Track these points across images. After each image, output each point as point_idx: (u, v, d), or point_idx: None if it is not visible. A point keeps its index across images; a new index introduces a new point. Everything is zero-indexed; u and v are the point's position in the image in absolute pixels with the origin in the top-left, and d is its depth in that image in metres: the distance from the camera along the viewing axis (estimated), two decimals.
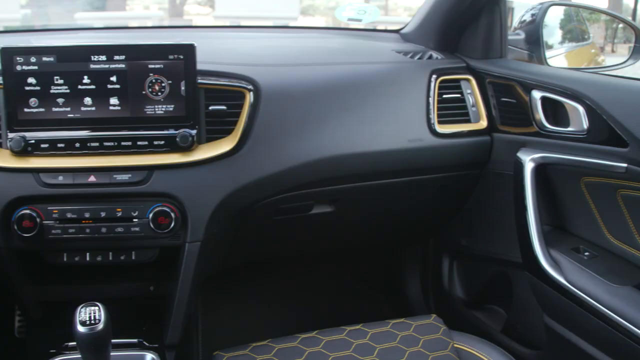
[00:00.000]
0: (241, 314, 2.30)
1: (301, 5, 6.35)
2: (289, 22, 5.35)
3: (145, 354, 1.45)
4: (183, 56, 1.39)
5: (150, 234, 1.41)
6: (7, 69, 1.36)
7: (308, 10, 7.19)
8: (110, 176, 1.40)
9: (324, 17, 7.36)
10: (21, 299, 1.53)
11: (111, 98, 1.39)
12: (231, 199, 1.45)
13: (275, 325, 2.22)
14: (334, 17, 6.64)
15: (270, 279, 2.38)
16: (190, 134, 1.41)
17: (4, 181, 1.38)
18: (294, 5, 5.66)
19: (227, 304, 2.25)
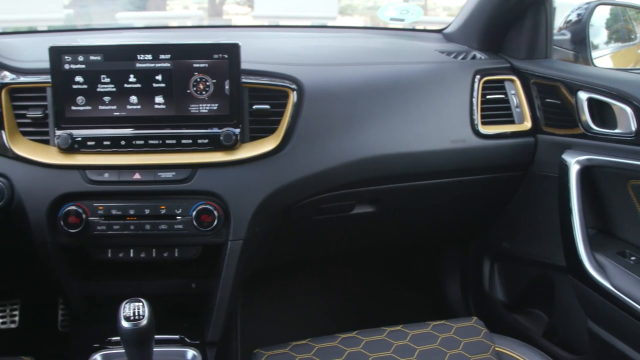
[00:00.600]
0: (279, 312, 2.30)
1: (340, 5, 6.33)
2: (328, 21, 5.35)
3: (186, 351, 1.46)
4: (228, 55, 1.39)
5: (193, 231, 1.42)
6: (55, 67, 1.38)
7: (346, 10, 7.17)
8: (155, 174, 1.41)
9: (362, 17, 7.34)
10: (66, 294, 1.55)
11: (156, 97, 1.41)
12: (273, 198, 1.45)
13: (313, 325, 2.22)
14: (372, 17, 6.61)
15: (308, 278, 2.38)
16: (234, 132, 1.42)
17: (51, 178, 1.41)
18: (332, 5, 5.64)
19: (265, 302, 2.26)
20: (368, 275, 2.46)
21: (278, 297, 2.33)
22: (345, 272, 2.42)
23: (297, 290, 2.37)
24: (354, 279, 2.44)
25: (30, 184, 1.41)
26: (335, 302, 2.38)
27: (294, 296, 2.35)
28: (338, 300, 2.39)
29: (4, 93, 1.42)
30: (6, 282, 2.14)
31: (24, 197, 1.41)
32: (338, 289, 2.41)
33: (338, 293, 2.40)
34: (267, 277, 1.96)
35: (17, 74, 1.44)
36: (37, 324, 2.24)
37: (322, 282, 2.41)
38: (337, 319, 2.30)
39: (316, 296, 2.38)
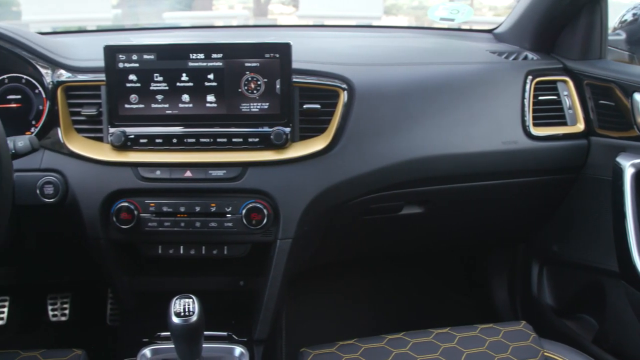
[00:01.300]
0: (324, 312, 2.30)
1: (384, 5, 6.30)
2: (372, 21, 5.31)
3: (234, 347, 1.47)
4: (279, 55, 1.40)
5: (242, 229, 1.43)
6: (109, 66, 1.40)
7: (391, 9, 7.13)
8: (206, 172, 1.43)
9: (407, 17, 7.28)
10: (116, 288, 1.57)
11: (208, 95, 1.42)
12: (323, 198, 1.45)
13: (358, 325, 2.22)
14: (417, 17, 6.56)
15: (354, 278, 2.38)
16: (284, 131, 1.42)
17: (104, 174, 1.43)
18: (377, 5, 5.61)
19: (310, 301, 2.27)
20: (414, 277, 2.45)
21: (323, 297, 2.32)
22: (390, 273, 2.41)
23: (342, 290, 2.36)
24: (400, 280, 2.42)
25: (84, 180, 1.44)
26: (380, 303, 2.37)
27: (338, 296, 2.35)
28: (383, 301, 2.38)
29: (59, 91, 1.45)
30: (58, 276, 2.18)
31: (78, 193, 1.43)
32: (383, 290, 2.40)
33: (383, 294, 2.39)
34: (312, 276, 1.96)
35: (72, 73, 1.46)
36: (86, 318, 2.28)
37: (367, 283, 2.40)
38: (382, 319, 2.29)
39: (361, 297, 2.38)
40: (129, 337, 1.55)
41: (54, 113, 1.46)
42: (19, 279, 2.12)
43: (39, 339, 2.24)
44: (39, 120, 1.51)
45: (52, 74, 1.46)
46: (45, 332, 2.25)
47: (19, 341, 2.22)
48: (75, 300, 2.28)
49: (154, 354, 1.46)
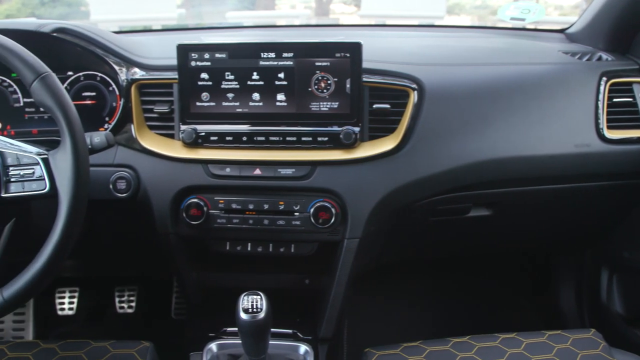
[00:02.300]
0: (386, 312, 2.29)
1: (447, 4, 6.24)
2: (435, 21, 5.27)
3: (299, 345, 1.48)
4: (349, 54, 1.40)
5: (310, 228, 1.44)
6: (182, 64, 1.43)
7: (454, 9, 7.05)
8: (275, 170, 1.44)
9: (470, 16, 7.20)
10: (184, 283, 1.60)
11: (278, 94, 1.43)
12: (391, 198, 1.45)
13: (422, 327, 2.20)
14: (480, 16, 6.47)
15: (417, 280, 2.36)
16: (353, 131, 1.42)
17: (175, 171, 1.46)
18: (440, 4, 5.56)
19: (372, 301, 2.26)
20: (477, 279, 2.41)
21: (385, 297, 2.32)
22: (454, 275, 2.38)
23: (405, 290, 2.35)
24: (463, 283, 2.39)
25: (155, 176, 1.46)
26: (443, 305, 2.35)
27: (401, 297, 2.34)
28: (446, 303, 2.35)
29: (133, 88, 1.49)
30: (126, 270, 2.24)
31: (149, 189, 1.46)
32: (446, 292, 2.38)
33: (446, 296, 2.37)
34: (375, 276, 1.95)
35: (146, 71, 1.49)
36: (152, 311, 2.33)
37: (430, 284, 2.38)
38: (445, 322, 2.27)
39: (424, 298, 2.36)
40: (195, 332, 1.57)
41: (127, 110, 1.49)
42: (88, 271, 2.18)
43: (106, 330, 2.30)
44: (112, 116, 1.55)
45: (127, 71, 1.49)
46: (112, 324, 2.31)
47: (86, 331, 2.28)
48: (141, 293, 2.34)
49: (220, 349, 1.48)
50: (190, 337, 1.58)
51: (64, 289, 2.32)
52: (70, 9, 7.73)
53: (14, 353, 1.33)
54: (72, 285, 2.33)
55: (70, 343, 1.36)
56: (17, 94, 1.59)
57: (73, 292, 2.33)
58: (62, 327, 2.29)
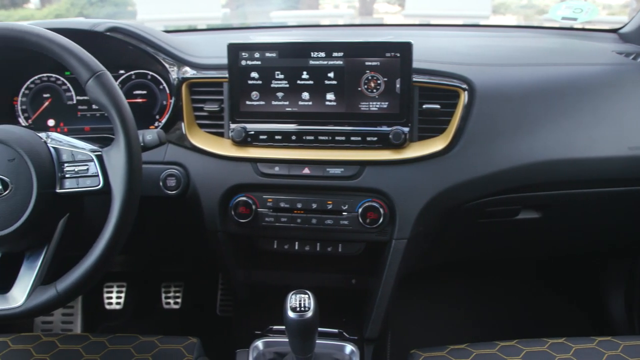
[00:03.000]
0: (431, 313, 2.28)
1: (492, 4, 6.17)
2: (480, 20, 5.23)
3: (345, 345, 1.48)
4: (400, 54, 1.39)
5: (358, 228, 1.43)
6: (233, 63, 1.44)
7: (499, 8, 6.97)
8: (324, 169, 1.44)
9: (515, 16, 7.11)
10: (231, 280, 1.61)
11: (328, 93, 1.43)
12: (439, 199, 1.44)
13: (466, 330, 2.18)
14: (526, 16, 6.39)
15: (462, 282, 2.34)
16: (403, 131, 1.41)
17: (224, 169, 1.47)
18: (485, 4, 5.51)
19: (416, 302, 2.25)
20: (524, 283, 2.38)
21: (429, 298, 2.30)
22: (500, 278, 2.35)
23: (449, 292, 2.33)
24: (510, 285, 2.36)
25: (204, 173, 1.48)
26: (488, 308, 2.32)
27: (445, 298, 2.32)
28: (491, 306, 2.33)
29: (184, 87, 1.50)
30: (173, 266, 2.26)
31: (199, 186, 1.48)
32: (492, 294, 2.35)
33: (492, 298, 2.34)
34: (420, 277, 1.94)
35: (197, 70, 1.51)
36: (197, 307, 2.36)
37: (475, 287, 2.36)
38: (490, 325, 2.24)
39: (468, 301, 2.34)
40: (241, 329, 1.59)
41: (178, 108, 1.51)
42: (136, 267, 2.21)
43: (152, 325, 2.34)
44: (162, 115, 1.57)
45: (178, 70, 1.51)
46: (158, 319, 2.34)
47: (133, 326, 2.32)
48: (187, 289, 2.36)
49: (266, 347, 1.49)
50: (237, 334, 1.59)
51: (112, 284, 2.37)
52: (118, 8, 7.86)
53: (65, 345, 1.36)
54: (120, 280, 2.37)
55: (119, 337, 1.38)
56: (70, 91, 1.62)
57: (121, 287, 2.37)
58: (109, 321, 2.33)
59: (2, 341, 1.36)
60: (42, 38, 1.14)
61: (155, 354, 1.34)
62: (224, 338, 1.82)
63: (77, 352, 1.33)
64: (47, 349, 1.34)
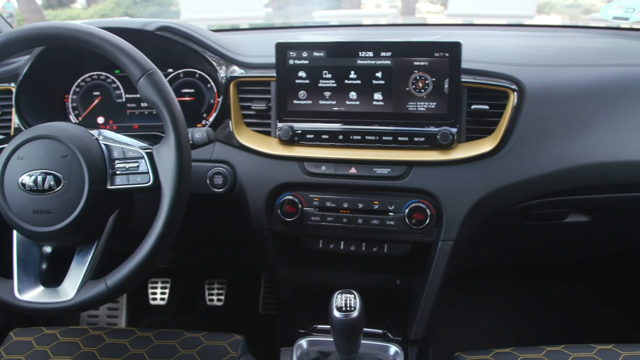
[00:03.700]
0: (473, 316, 2.25)
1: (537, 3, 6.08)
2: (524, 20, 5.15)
3: (389, 346, 1.48)
4: (448, 54, 1.38)
5: (404, 228, 1.43)
6: (280, 62, 1.44)
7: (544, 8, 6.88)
8: (370, 169, 1.43)
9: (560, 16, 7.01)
10: (275, 279, 1.62)
11: (375, 93, 1.42)
12: (487, 201, 1.42)
13: (510, 333, 2.16)
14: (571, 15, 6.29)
15: (507, 284, 2.31)
16: (451, 132, 1.40)
17: (271, 167, 1.48)
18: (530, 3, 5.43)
19: (460, 305, 2.23)
20: (570, 286, 2.34)
21: (473, 301, 2.28)
22: (547, 281, 2.32)
23: (493, 295, 2.30)
24: (557, 289, 2.33)
25: (251, 172, 1.49)
26: (533, 312, 2.28)
27: (489, 301, 2.30)
28: (536, 310, 2.29)
29: (232, 86, 1.51)
30: (217, 263, 2.28)
31: (245, 184, 1.48)
32: (538, 298, 2.32)
33: (538, 302, 2.31)
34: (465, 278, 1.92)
35: (244, 69, 1.52)
36: (240, 305, 2.37)
37: (520, 290, 2.33)
38: (535, 330, 2.21)
39: (513, 304, 2.31)
40: (285, 327, 1.59)
41: (225, 107, 1.52)
42: (180, 263, 2.24)
43: (195, 321, 2.36)
44: (209, 113, 1.58)
45: (226, 69, 1.52)
46: (201, 315, 2.36)
47: (176, 321, 2.34)
48: (230, 286, 2.38)
49: (310, 345, 1.49)
50: (281, 332, 1.60)
51: (157, 280, 2.40)
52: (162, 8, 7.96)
53: (111, 339, 1.38)
54: (164, 276, 2.40)
55: (164, 332, 1.40)
56: (119, 90, 1.65)
57: (165, 282, 2.40)
58: (153, 316, 2.36)
59: (51, 334, 1.39)
60: (95, 37, 1.16)
61: (200, 350, 1.35)
62: (266, 336, 1.83)
63: (123, 347, 1.35)
64: (95, 342, 1.37)
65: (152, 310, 2.37)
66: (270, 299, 2.34)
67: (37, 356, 1.34)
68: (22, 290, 1.17)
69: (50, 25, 1.17)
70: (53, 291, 1.16)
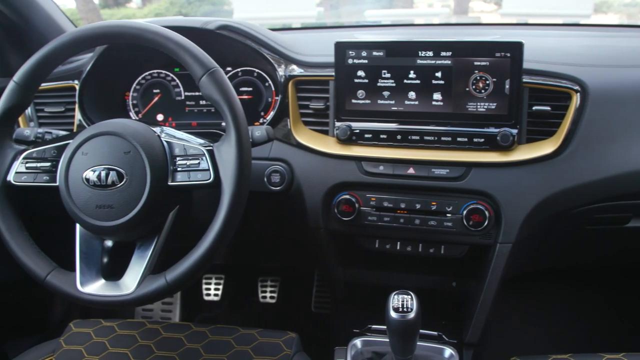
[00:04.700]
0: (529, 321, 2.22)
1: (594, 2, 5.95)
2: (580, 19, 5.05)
3: (444, 348, 1.46)
4: (510, 54, 1.36)
5: (462, 230, 1.41)
6: (339, 62, 1.44)
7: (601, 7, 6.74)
8: (429, 170, 1.42)
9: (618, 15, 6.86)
10: (330, 277, 1.62)
11: (435, 93, 1.41)
12: (547, 204, 1.40)
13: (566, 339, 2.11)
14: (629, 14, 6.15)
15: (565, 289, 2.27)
16: (511, 133, 1.38)
17: (328, 166, 1.48)
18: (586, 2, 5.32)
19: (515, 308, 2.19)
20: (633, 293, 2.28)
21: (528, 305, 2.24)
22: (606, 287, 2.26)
23: (550, 300, 2.26)
24: (617, 296, 2.27)
25: (309, 170, 1.49)
26: (590, 319, 2.23)
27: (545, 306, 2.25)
28: (593, 317, 2.24)
29: (290, 85, 1.52)
30: (270, 261, 2.30)
31: (303, 183, 1.49)
32: (595, 305, 2.26)
33: (594, 309, 2.26)
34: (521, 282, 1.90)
35: (303, 68, 1.52)
36: (292, 303, 2.38)
37: (577, 295, 2.28)
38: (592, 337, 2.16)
39: (570, 309, 2.26)
40: (340, 326, 1.59)
41: (284, 106, 1.53)
42: (235, 260, 2.26)
43: (247, 317, 2.38)
44: (267, 111, 1.60)
45: (285, 68, 1.53)
46: (253, 312, 2.38)
47: (229, 317, 2.36)
48: (283, 284, 2.39)
49: (364, 345, 1.49)
50: (335, 331, 1.60)
51: (211, 276, 2.42)
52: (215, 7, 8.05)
53: (167, 333, 1.40)
54: (219, 273, 2.42)
55: (219, 328, 1.41)
56: (179, 87, 1.67)
57: (219, 279, 2.42)
58: (206, 311, 2.39)
59: (109, 326, 1.42)
60: (159, 35, 1.18)
61: (254, 347, 1.36)
62: (319, 334, 1.84)
63: (179, 341, 1.37)
64: (151, 335, 1.39)
65: (206, 306, 2.40)
66: (323, 298, 2.34)
67: (96, 347, 1.36)
68: (84, 283, 1.19)
69: (116, 24, 1.20)
70: (114, 284, 1.18)
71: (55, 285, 1.19)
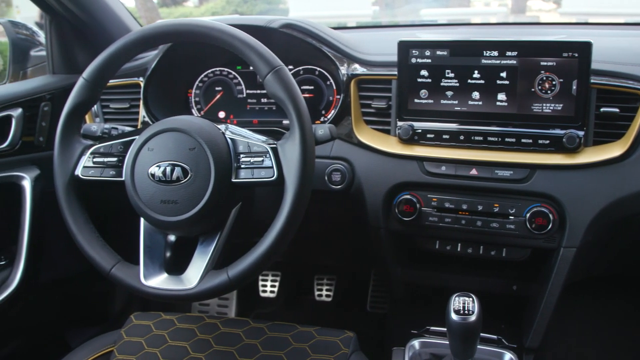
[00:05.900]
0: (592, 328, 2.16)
1: None
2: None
3: (504, 353, 1.44)
4: (578, 54, 1.33)
5: (525, 233, 1.39)
6: (402, 61, 1.44)
7: None
8: (492, 171, 1.41)
9: None
10: (388, 278, 1.61)
11: (499, 94, 1.39)
12: (614, 208, 1.36)
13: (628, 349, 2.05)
14: None
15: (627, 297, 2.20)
16: (577, 135, 1.35)
17: (390, 166, 1.47)
18: None
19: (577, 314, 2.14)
20: None
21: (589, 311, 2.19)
22: None
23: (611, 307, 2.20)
24: None
25: (370, 170, 1.49)
26: None
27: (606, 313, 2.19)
28: None
29: (353, 84, 1.52)
30: (328, 259, 2.30)
31: (363, 182, 1.49)
32: None
33: None
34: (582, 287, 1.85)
35: (366, 67, 1.52)
36: (348, 302, 2.38)
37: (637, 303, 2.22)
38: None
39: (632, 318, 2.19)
40: (396, 327, 1.58)
41: (346, 104, 1.53)
42: (292, 258, 2.27)
43: (303, 315, 2.39)
44: (328, 110, 1.60)
45: (347, 67, 1.53)
46: (309, 309, 2.39)
47: (285, 314, 2.38)
48: (339, 283, 2.39)
49: (422, 347, 1.48)
50: (392, 331, 1.59)
51: (267, 273, 2.44)
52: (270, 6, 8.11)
53: (226, 328, 1.41)
54: (275, 270, 2.44)
55: (277, 325, 1.42)
56: (240, 85, 1.69)
57: (275, 276, 2.44)
58: (262, 308, 2.41)
59: (169, 319, 1.44)
60: (224, 34, 1.19)
61: (312, 345, 1.36)
62: (374, 334, 1.83)
63: (237, 336, 1.38)
64: (210, 330, 1.40)
65: (262, 302, 2.42)
66: (379, 298, 2.33)
67: (156, 340, 1.38)
68: (147, 276, 1.21)
69: (182, 22, 1.21)
70: (177, 279, 1.20)
71: (119, 278, 1.21)
